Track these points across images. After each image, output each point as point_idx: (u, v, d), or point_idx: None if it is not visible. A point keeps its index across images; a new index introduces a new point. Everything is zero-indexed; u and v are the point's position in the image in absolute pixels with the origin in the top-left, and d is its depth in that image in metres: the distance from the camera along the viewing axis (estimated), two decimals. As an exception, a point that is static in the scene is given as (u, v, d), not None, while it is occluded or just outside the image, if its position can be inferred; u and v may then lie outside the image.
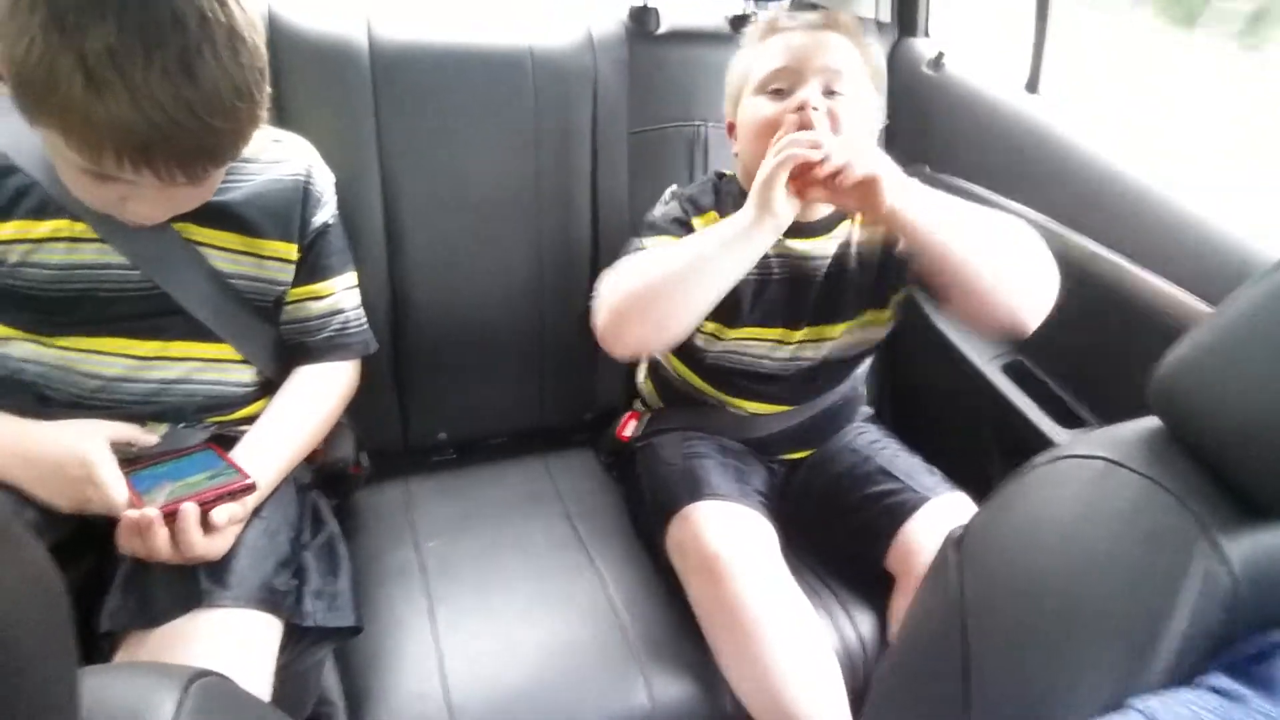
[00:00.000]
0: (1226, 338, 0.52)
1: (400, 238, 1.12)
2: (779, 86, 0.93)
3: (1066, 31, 1.20)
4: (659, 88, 1.23)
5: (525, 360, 1.24)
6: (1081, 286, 1.05)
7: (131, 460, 0.80)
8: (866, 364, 1.15)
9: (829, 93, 0.92)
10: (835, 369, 1.08)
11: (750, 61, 0.97)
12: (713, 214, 1.00)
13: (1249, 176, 1.22)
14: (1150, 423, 0.58)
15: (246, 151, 0.86)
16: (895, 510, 0.98)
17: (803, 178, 0.83)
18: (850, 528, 1.02)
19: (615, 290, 0.89)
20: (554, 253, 1.20)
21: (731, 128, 1.02)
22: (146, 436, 0.83)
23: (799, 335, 1.03)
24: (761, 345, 1.03)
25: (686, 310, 0.87)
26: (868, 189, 0.81)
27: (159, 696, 0.37)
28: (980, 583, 0.60)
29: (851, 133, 0.90)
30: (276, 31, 1.03)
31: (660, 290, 0.87)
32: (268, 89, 0.72)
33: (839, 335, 1.03)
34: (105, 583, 0.76)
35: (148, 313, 0.83)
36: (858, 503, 1.02)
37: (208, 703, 0.38)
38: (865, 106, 0.95)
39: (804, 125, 0.88)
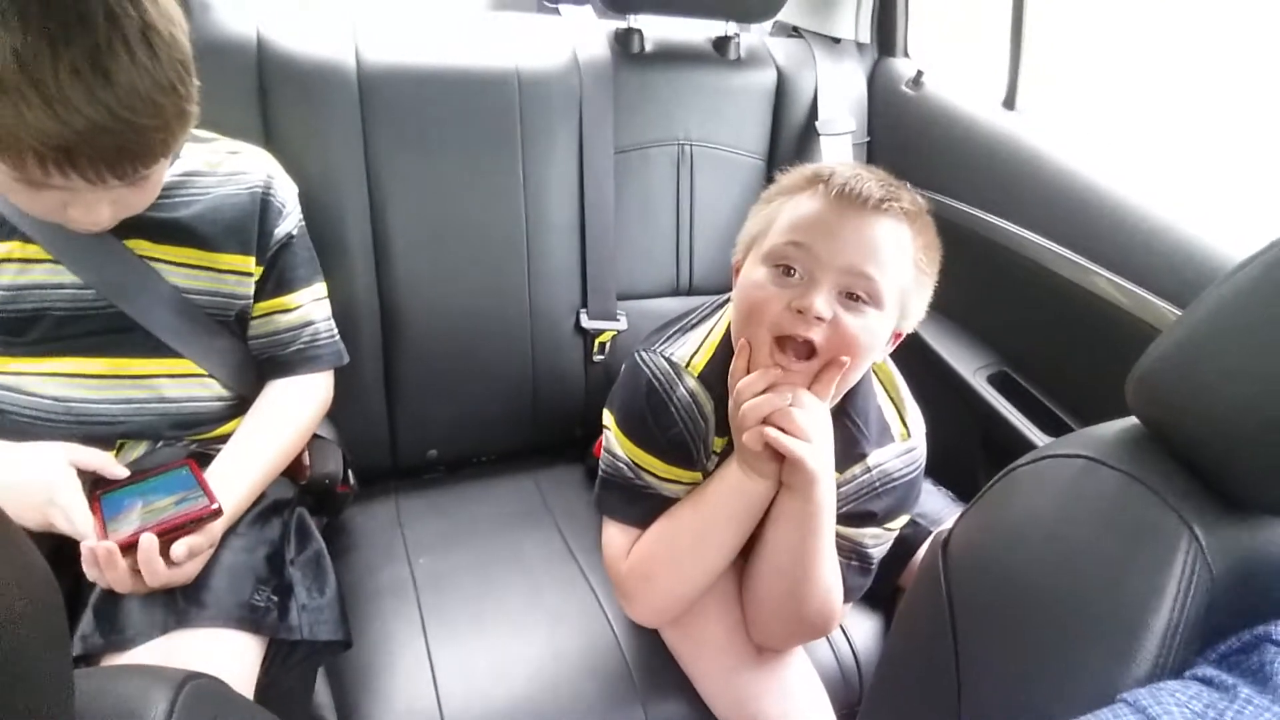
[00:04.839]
0: (1198, 336, 0.53)
1: (389, 257, 1.13)
2: (789, 265, 0.74)
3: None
4: (644, 107, 1.25)
5: (514, 377, 1.24)
6: (1061, 297, 1.07)
7: (105, 480, 0.78)
8: None
9: (851, 295, 0.73)
10: None
11: (779, 211, 0.78)
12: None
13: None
14: (1129, 422, 0.60)
15: (203, 164, 0.86)
16: (908, 538, 0.95)
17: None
18: None
19: (638, 567, 0.86)
20: (541, 270, 1.21)
21: (738, 270, 0.83)
22: (116, 468, 0.79)
23: None
24: None
25: (706, 574, 0.84)
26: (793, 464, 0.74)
27: (152, 697, 0.37)
28: (967, 583, 0.61)
29: (850, 360, 0.74)
30: (265, 53, 1.04)
31: (682, 564, 0.84)
32: (194, 82, 0.70)
33: None
34: (79, 604, 0.74)
35: (104, 330, 0.82)
36: None
37: (200, 704, 0.38)
38: (885, 321, 0.76)
39: (788, 335, 0.73)
